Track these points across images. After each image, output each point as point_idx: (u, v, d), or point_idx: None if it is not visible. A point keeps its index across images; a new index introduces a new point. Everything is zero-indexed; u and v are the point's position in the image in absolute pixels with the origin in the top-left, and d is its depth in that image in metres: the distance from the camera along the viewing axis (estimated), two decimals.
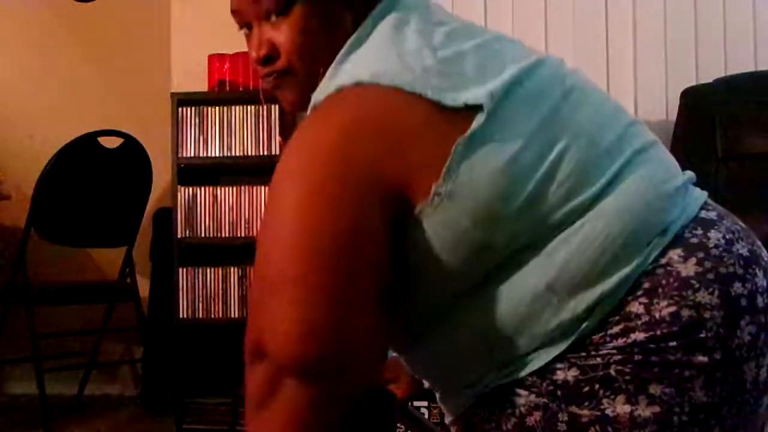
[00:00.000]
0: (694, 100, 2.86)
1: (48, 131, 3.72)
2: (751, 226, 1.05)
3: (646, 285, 0.93)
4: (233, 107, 3.00)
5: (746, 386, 0.93)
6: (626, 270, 0.93)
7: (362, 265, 0.93)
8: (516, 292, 0.94)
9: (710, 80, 2.92)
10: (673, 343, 0.91)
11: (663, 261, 0.94)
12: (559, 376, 0.93)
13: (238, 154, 2.99)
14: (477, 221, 0.92)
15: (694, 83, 2.98)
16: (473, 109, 0.93)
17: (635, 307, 0.92)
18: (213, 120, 3.02)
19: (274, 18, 1.07)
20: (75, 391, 3.64)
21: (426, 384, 1.14)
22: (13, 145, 3.89)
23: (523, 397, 0.94)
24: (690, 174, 1.05)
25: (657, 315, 0.91)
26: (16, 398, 3.72)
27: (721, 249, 0.95)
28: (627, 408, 0.90)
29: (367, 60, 1.00)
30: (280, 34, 1.07)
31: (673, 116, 2.92)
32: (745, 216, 1.08)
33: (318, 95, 1.01)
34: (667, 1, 3.13)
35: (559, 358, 0.93)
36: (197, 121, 3.02)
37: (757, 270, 0.97)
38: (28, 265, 3.21)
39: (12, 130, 3.93)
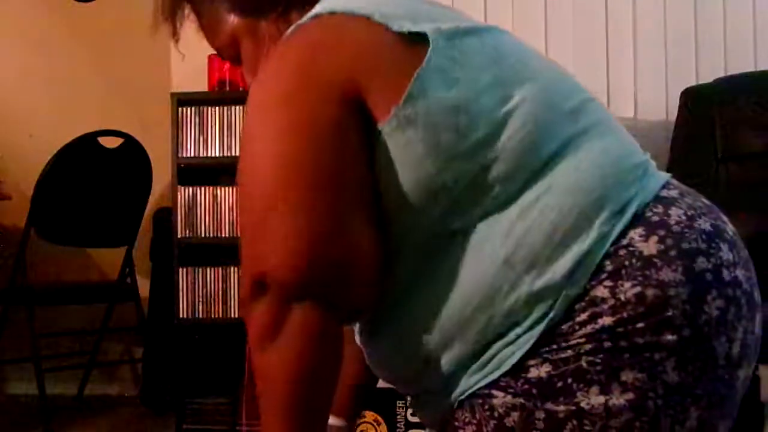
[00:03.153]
0: (694, 100, 2.86)
1: (48, 131, 3.72)
2: (751, 225, 1.05)
3: (609, 267, 0.92)
4: (233, 107, 3.00)
5: (719, 362, 0.92)
6: (581, 247, 0.92)
7: (346, 174, 0.95)
8: (476, 267, 0.94)
9: (710, 80, 2.92)
10: (640, 325, 0.90)
11: (624, 242, 0.93)
12: (533, 373, 0.92)
13: (238, 154, 2.98)
14: (430, 150, 0.94)
15: (694, 83, 2.98)
16: (420, 42, 0.96)
17: (600, 291, 0.92)
18: (213, 120, 3.02)
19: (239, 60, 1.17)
20: (75, 391, 3.64)
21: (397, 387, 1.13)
22: (13, 145, 3.89)
23: (500, 398, 0.94)
24: (650, 159, 1.05)
25: (622, 297, 0.91)
26: (16, 398, 3.72)
27: (682, 225, 0.95)
28: (601, 399, 0.90)
29: (322, 4, 1.04)
30: (247, 73, 1.18)
31: (673, 116, 2.92)
32: (745, 216, 1.07)
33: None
34: (667, 1, 3.14)
35: (530, 354, 0.93)
36: (197, 121, 3.02)
37: (721, 244, 0.96)
38: (28, 265, 3.21)
39: (12, 130, 3.93)
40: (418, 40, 0.97)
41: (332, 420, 1.30)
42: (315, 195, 0.94)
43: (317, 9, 1.02)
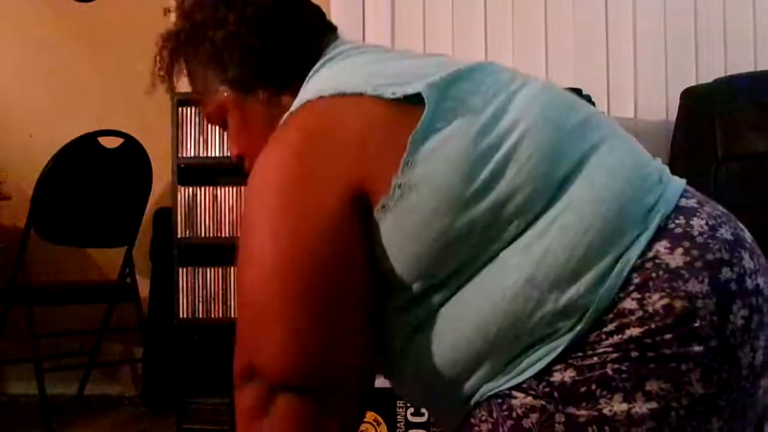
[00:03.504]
0: (694, 100, 2.86)
1: (48, 131, 3.72)
2: (751, 225, 1.05)
3: (637, 280, 0.93)
4: None
5: (742, 372, 0.93)
6: (604, 262, 0.93)
7: (342, 275, 0.96)
8: (495, 290, 0.94)
9: (710, 80, 2.92)
10: (668, 336, 0.91)
11: (650, 254, 0.94)
12: (556, 377, 0.93)
13: None
14: (438, 205, 0.94)
15: (694, 83, 2.98)
16: (416, 102, 0.97)
17: (628, 303, 0.92)
18: None
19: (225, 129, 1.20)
20: (75, 391, 3.64)
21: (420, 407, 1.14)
22: (13, 145, 3.89)
23: (519, 399, 0.94)
24: (662, 165, 1.06)
25: (650, 309, 0.91)
26: (16, 398, 3.72)
27: (705, 236, 0.95)
28: (624, 406, 0.90)
29: (309, 89, 1.05)
30: (232, 143, 1.21)
31: (673, 116, 2.92)
32: (745, 216, 1.08)
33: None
34: (667, 1, 3.13)
35: (556, 360, 0.93)
36: (197, 121, 3.02)
37: (742, 252, 0.97)
38: (28, 265, 3.21)
39: (12, 130, 3.92)
40: (413, 102, 0.97)
41: None
42: (309, 300, 0.95)
43: (305, 94, 1.03)
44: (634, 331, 0.91)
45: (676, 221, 0.96)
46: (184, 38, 1.19)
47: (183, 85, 1.19)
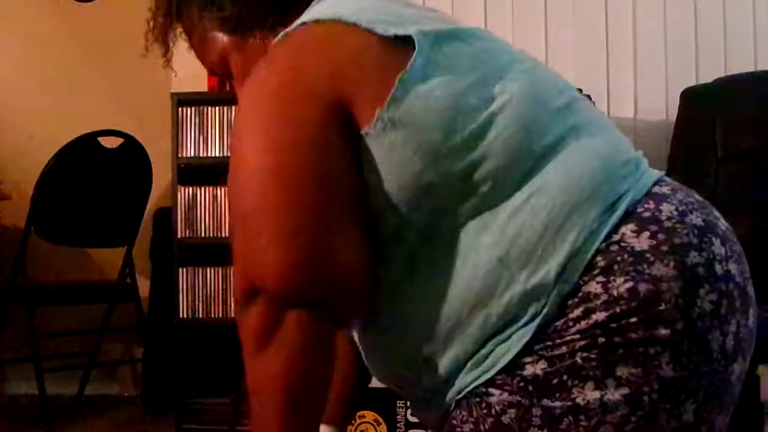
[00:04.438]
0: (694, 100, 2.86)
1: (48, 131, 3.72)
2: (750, 225, 1.05)
3: (602, 263, 0.93)
4: (233, 107, 3.00)
5: (713, 355, 0.93)
6: (573, 244, 0.93)
7: (333, 184, 0.96)
8: (470, 267, 0.95)
9: (710, 80, 2.92)
10: (633, 320, 0.90)
11: (616, 237, 0.94)
12: (529, 370, 0.93)
13: None
14: (417, 150, 0.95)
15: (694, 83, 2.98)
16: (406, 45, 0.97)
17: (593, 287, 0.92)
18: (213, 120, 3.02)
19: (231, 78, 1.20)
20: (75, 391, 3.64)
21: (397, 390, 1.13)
22: (13, 145, 3.89)
23: (497, 396, 0.94)
24: (642, 156, 1.06)
25: (615, 292, 0.91)
26: (16, 398, 3.72)
27: (674, 220, 0.95)
28: (596, 394, 0.90)
29: (309, 13, 1.05)
30: (238, 89, 1.18)
31: (673, 116, 2.92)
32: (745, 216, 1.07)
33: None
34: (667, 2, 3.14)
35: (525, 352, 0.93)
36: (197, 121, 3.02)
37: (713, 238, 0.96)
38: (28, 265, 3.22)
39: (12, 130, 3.93)
40: (403, 43, 0.98)
41: (322, 429, 1.30)
42: (302, 207, 0.95)
43: (303, 18, 1.04)
44: (600, 316, 0.91)
45: (646, 206, 0.96)
46: None
47: (183, 85, 1.19)
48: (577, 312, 0.92)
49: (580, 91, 2.68)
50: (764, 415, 2.14)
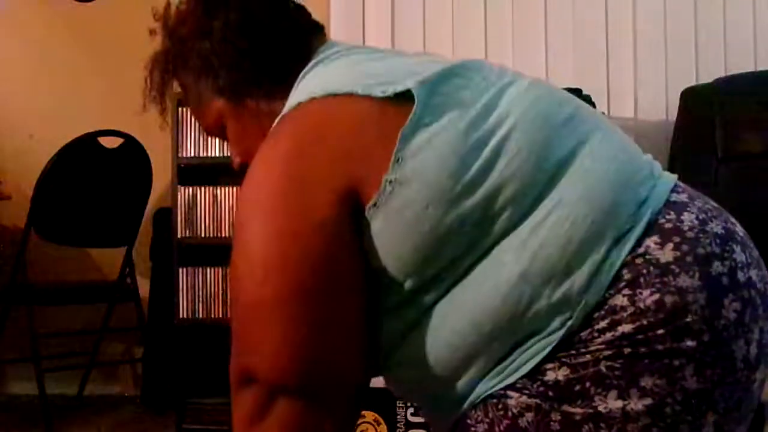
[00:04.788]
0: (694, 100, 2.86)
1: (48, 131, 3.72)
2: (751, 225, 1.05)
3: (627, 276, 0.93)
4: None
5: (737, 365, 0.93)
6: (597, 256, 0.93)
7: (335, 275, 0.96)
8: (489, 287, 0.94)
9: (710, 80, 2.92)
10: (660, 331, 0.91)
11: (640, 250, 0.94)
12: (550, 376, 0.93)
13: None
14: (430, 203, 0.94)
15: (694, 83, 2.98)
16: (406, 100, 0.97)
17: (619, 300, 0.92)
18: None
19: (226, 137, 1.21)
20: (75, 391, 3.64)
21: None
22: (13, 145, 3.89)
23: (515, 399, 0.94)
24: (653, 160, 1.06)
25: (641, 305, 0.91)
26: (16, 398, 3.72)
27: (696, 231, 0.95)
28: (619, 403, 0.90)
29: (299, 91, 1.06)
30: (233, 151, 1.21)
31: (673, 116, 2.92)
32: (745, 216, 1.08)
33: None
34: (667, 1, 3.13)
35: (548, 359, 0.93)
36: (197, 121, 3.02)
37: (734, 246, 0.96)
38: (28, 265, 3.21)
39: (12, 130, 3.92)
40: (404, 99, 0.97)
41: None
42: (304, 304, 0.95)
43: (296, 97, 1.04)
44: (626, 328, 0.91)
45: (667, 216, 0.96)
46: (173, 55, 1.19)
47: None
48: (603, 324, 0.92)
49: (580, 91, 2.69)
50: (764, 415, 2.13)
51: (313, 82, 1.06)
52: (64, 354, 3.53)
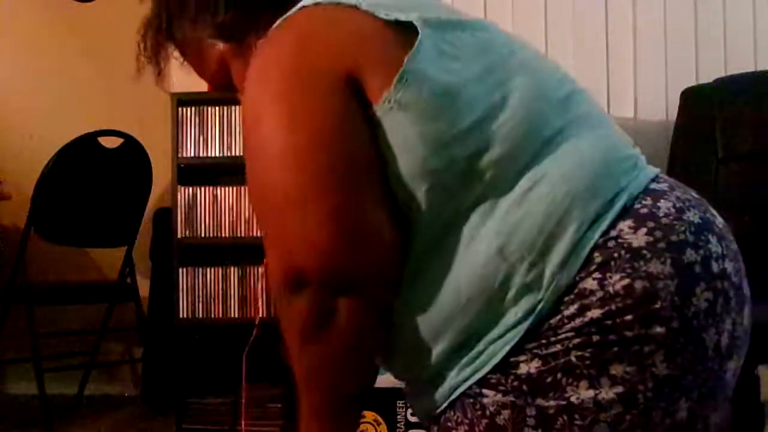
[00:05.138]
0: (694, 100, 2.86)
1: (48, 131, 3.72)
2: (751, 225, 1.05)
3: (598, 259, 0.92)
4: (233, 107, 3.00)
5: (708, 353, 0.92)
6: (574, 237, 0.92)
7: (357, 160, 0.95)
8: (471, 256, 0.94)
9: (710, 80, 2.92)
10: (628, 317, 0.90)
11: (613, 233, 0.93)
12: (522, 369, 0.93)
13: (238, 154, 2.99)
14: (421, 136, 0.94)
15: (694, 83, 2.98)
16: (408, 31, 0.97)
17: (589, 284, 0.92)
18: (213, 120, 3.02)
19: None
20: (75, 391, 3.64)
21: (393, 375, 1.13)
22: (13, 145, 3.89)
23: (491, 397, 0.94)
24: (639, 152, 1.05)
25: (611, 289, 0.91)
26: (16, 398, 3.72)
27: (671, 218, 0.95)
28: (591, 393, 0.90)
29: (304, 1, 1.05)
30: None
31: (673, 116, 2.92)
32: (745, 216, 1.07)
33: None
34: (667, 2, 3.14)
35: (519, 350, 0.93)
36: (197, 121, 3.02)
37: (710, 236, 0.96)
38: (28, 265, 3.21)
39: (12, 130, 3.93)
40: (406, 29, 0.97)
41: None
42: (338, 188, 0.94)
43: (303, 2, 1.03)
44: (595, 313, 0.91)
45: (643, 202, 0.96)
46: (167, 7, 1.18)
47: (182, 85, 1.19)
48: (572, 309, 0.92)
49: None
50: (764, 415, 2.13)
51: None
52: (64, 354, 3.54)
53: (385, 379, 1.15)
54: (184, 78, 1.34)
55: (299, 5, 1.03)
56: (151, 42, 1.21)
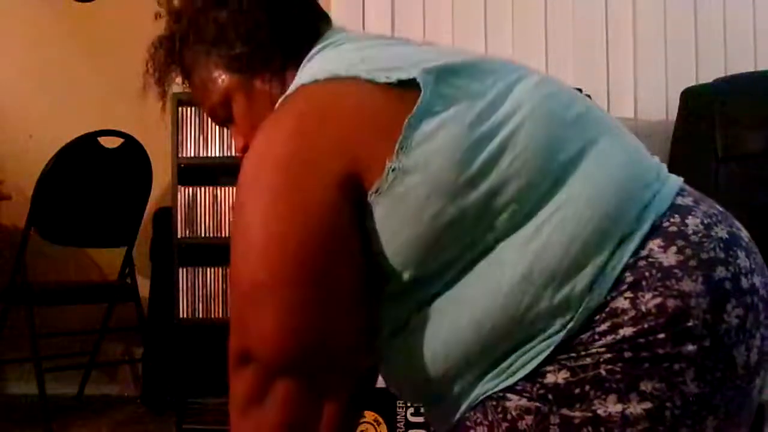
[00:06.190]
0: (694, 100, 2.86)
1: (48, 131, 3.72)
2: (751, 225, 1.05)
3: (630, 279, 0.92)
4: None
5: (737, 371, 0.93)
6: (600, 258, 0.92)
7: (334, 256, 0.95)
8: (491, 285, 0.94)
9: (710, 80, 2.92)
10: (661, 336, 0.90)
11: (644, 253, 0.93)
12: (550, 379, 0.92)
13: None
14: (432, 193, 0.94)
15: (694, 83, 2.98)
16: (411, 88, 0.96)
17: (621, 303, 0.92)
18: None
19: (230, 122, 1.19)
20: (75, 391, 3.64)
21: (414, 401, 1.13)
22: (13, 145, 3.89)
23: (514, 401, 0.94)
24: (659, 162, 1.05)
25: (643, 308, 0.91)
26: (16, 398, 3.72)
27: (700, 235, 0.95)
28: (618, 407, 0.90)
29: (304, 73, 1.05)
30: (237, 134, 1.19)
31: (673, 116, 2.92)
32: (745, 216, 1.07)
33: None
34: (667, 2, 3.13)
35: (548, 361, 0.93)
36: (197, 121, 3.02)
37: (738, 251, 0.96)
38: (28, 265, 3.21)
39: (12, 130, 3.92)
40: (408, 87, 0.97)
41: None
42: (304, 284, 0.95)
43: (300, 79, 1.03)
44: (627, 331, 0.91)
45: (671, 219, 0.96)
46: (183, 31, 1.18)
47: (183, 85, 1.19)
48: (604, 327, 0.92)
49: (580, 91, 2.68)
50: (764, 415, 2.13)
51: (318, 65, 1.05)
52: (64, 354, 3.53)
53: None
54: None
55: (298, 82, 1.03)
56: (159, 63, 1.21)
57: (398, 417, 2.37)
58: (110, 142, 3.39)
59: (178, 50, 1.19)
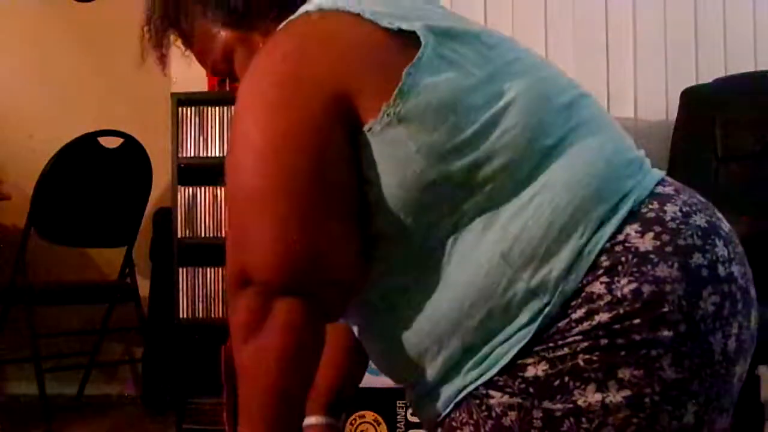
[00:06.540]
0: (694, 100, 2.86)
1: (48, 131, 3.72)
2: (750, 225, 1.05)
3: (606, 263, 0.92)
4: (233, 107, 3.00)
5: (715, 357, 0.93)
6: (578, 242, 0.93)
7: (331, 172, 0.96)
8: (471, 264, 0.95)
9: (710, 80, 2.92)
10: (637, 321, 0.90)
11: (620, 237, 0.93)
12: (530, 372, 0.93)
13: None
14: (420, 149, 0.94)
15: (694, 83, 2.98)
16: (410, 40, 0.96)
17: (596, 287, 0.92)
18: (213, 120, 3.02)
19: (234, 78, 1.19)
20: (75, 391, 3.64)
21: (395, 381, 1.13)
22: (13, 145, 3.89)
23: (497, 399, 0.94)
24: (644, 155, 1.05)
25: (618, 293, 0.91)
26: (16, 398, 3.72)
27: (678, 221, 0.95)
28: (598, 396, 0.90)
29: (312, 2, 1.04)
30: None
31: (673, 116, 2.92)
32: (745, 216, 1.07)
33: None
34: (667, 2, 3.13)
35: (527, 353, 0.93)
36: (197, 121, 3.02)
37: (716, 240, 0.96)
38: (28, 265, 3.21)
39: (12, 130, 3.93)
40: (408, 38, 0.97)
41: (316, 419, 1.30)
42: (300, 196, 0.95)
43: (306, 7, 1.03)
44: (603, 317, 0.91)
45: (650, 206, 0.96)
46: None
47: (182, 85, 1.19)
48: (580, 313, 0.92)
49: None
50: (764, 415, 2.14)
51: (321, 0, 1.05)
52: (64, 354, 3.54)
53: (385, 380, 1.15)
54: (184, 78, 1.34)
55: (302, 10, 1.03)
56: (157, 25, 1.21)
57: (398, 417, 2.37)
58: (110, 142, 3.39)
59: (174, 12, 1.19)
